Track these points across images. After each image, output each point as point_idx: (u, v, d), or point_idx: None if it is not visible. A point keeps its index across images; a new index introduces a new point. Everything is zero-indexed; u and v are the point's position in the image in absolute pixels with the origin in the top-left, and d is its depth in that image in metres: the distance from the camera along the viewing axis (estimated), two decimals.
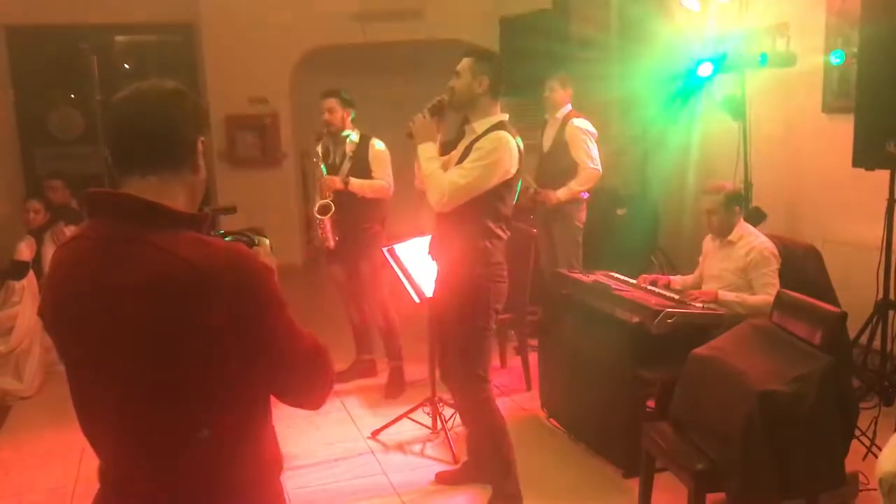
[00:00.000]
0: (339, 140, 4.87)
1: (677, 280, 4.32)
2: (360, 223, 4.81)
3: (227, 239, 1.60)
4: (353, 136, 4.85)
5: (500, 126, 3.24)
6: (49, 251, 5.61)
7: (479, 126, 3.26)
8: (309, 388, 1.60)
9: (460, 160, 3.25)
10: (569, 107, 5.49)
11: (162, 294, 1.39)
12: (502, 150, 3.16)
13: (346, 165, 4.83)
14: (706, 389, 2.97)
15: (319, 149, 4.91)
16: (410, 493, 3.72)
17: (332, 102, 4.80)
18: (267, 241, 1.68)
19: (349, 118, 4.83)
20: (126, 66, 9.06)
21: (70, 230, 5.72)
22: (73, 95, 8.92)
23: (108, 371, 1.46)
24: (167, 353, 1.41)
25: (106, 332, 1.44)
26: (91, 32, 8.53)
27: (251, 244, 1.63)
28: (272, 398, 1.60)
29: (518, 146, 3.24)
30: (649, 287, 4.09)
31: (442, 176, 3.19)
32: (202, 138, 1.59)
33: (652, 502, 3.21)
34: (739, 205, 4.12)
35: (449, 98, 3.29)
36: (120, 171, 1.53)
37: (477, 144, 3.19)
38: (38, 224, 5.61)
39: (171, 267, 1.40)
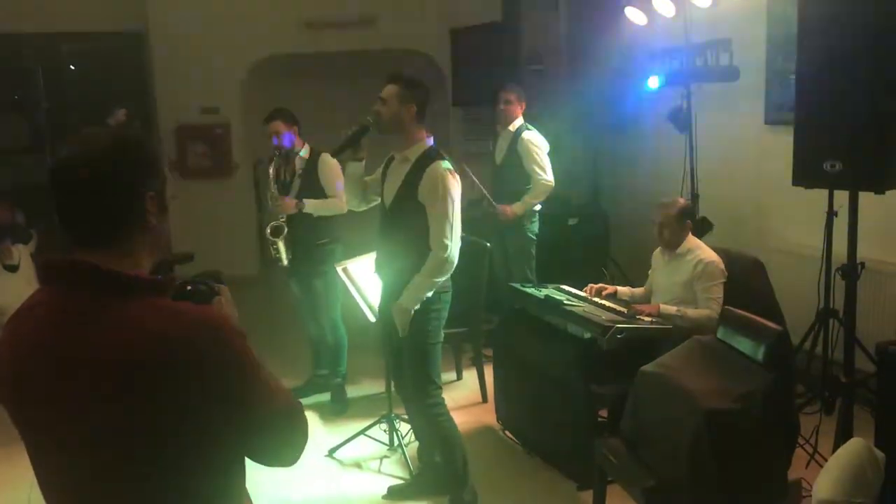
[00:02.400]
0: (290, 158, 4.84)
1: (624, 291, 4.40)
2: (314, 240, 4.80)
3: (188, 289, 1.55)
4: (303, 151, 4.82)
5: (431, 153, 3.37)
6: None
7: (411, 153, 3.38)
8: (286, 449, 1.55)
9: (402, 188, 3.36)
10: (521, 119, 5.56)
11: (130, 367, 1.33)
12: (451, 185, 3.30)
13: (297, 183, 4.81)
14: (654, 407, 3.05)
15: (271, 170, 4.87)
16: None
17: (278, 125, 4.74)
18: (226, 288, 1.63)
19: (296, 136, 4.79)
20: (72, 67, 8.92)
21: (17, 249, 5.62)
22: (16, 97, 8.75)
23: (73, 448, 1.40)
24: (136, 429, 1.35)
25: (70, 407, 1.37)
26: (36, 41, 8.39)
27: (211, 294, 1.57)
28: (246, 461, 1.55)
29: (453, 168, 3.37)
30: (600, 301, 4.17)
31: (439, 258, 3.28)
32: (151, 192, 1.49)
33: None
34: (690, 219, 4.22)
35: (374, 122, 3.37)
36: (72, 241, 1.46)
37: (428, 194, 3.29)
38: None
39: (139, 339, 1.34)
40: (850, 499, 2.18)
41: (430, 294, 3.35)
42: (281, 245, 4.77)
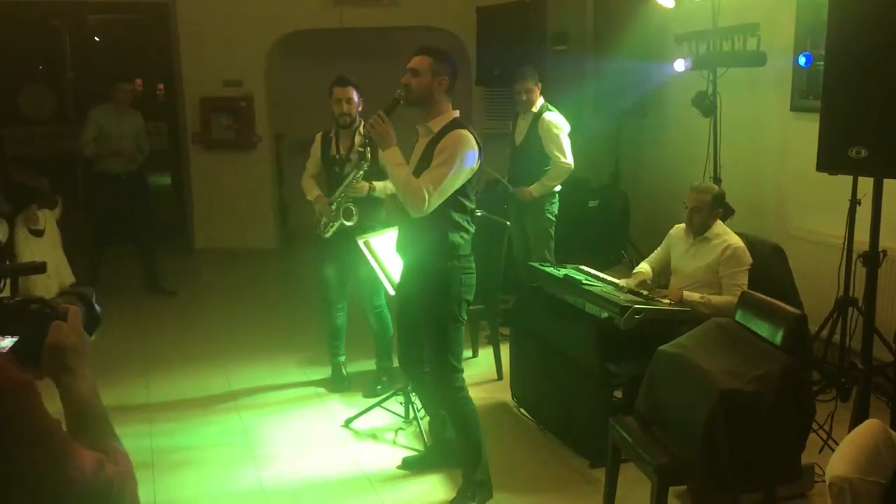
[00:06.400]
0: (350, 133, 4.54)
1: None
2: (367, 223, 4.47)
3: (33, 307, 1.31)
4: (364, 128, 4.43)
5: (456, 124, 3.33)
6: (20, 234, 5.58)
7: (435, 125, 3.34)
8: None
9: (421, 161, 3.33)
10: (541, 100, 5.53)
11: None
12: (467, 148, 3.25)
13: (358, 161, 4.45)
14: (671, 386, 3.07)
15: (362, 149, 4.38)
16: (381, 480, 3.79)
17: (351, 91, 4.48)
18: (76, 311, 1.36)
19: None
20: (97, 38, 8.99)
21: (43, 214, 5.70)
22: (40, 67, 8.83)
23: None
24: None
25: None
26: (64, 9, 8.46)
27: (52, 317, 1.31)
28: None
29: (478, 142, 3.32)
30: (619, 282, 4.17)
31: (417, 183, 3.22)
32: None
33: (617, 492, 3.31)
34: (722, 206, 4.20)
35: (405, 95, 3.33)
36: None
37: (442, 145, 3.25)
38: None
39: None
40: (864, 476, 2.19)
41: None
42: (340, 223, 4.45)
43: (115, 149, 6.53)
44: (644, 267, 4.37)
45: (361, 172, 4.40)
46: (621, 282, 4.16)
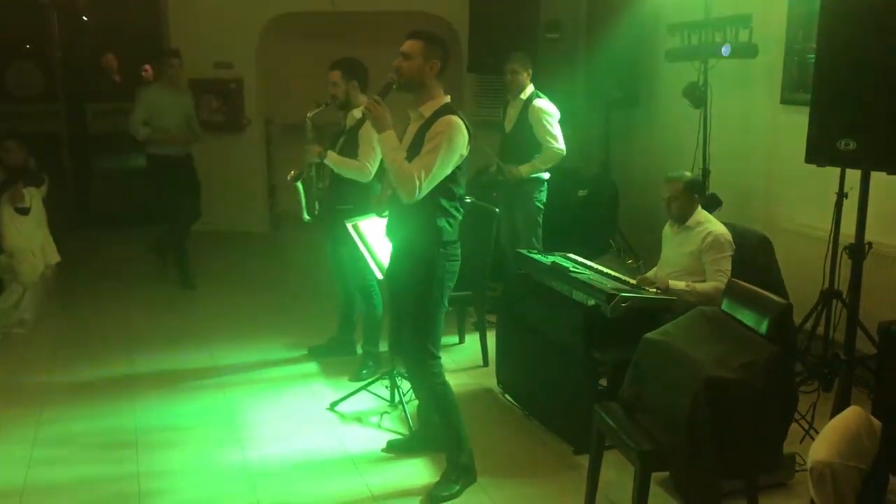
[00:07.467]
0: (345, 113, 4.68)
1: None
2: (340, 202, 4.58)
3: None
4: (357, 111, 4.45)
5: (447, 109, 3.32)
6: (6, 212, 5.54)
7: (426, 110, 3.34)
8: None
9: (412, 146, 3.32)
10: (531, 87, 5.53)
11: None
12: (457, 134, 3.25)
13: (341, 140, 4.63)
14: (656, 373, 3.08)
15: (310, 114, 4.56)
16: (366, 463, 3.80)
17: (335, 75, 4.61)
18: None
19: (356, 91, 4.60)
20: (85, 18, 8.90)
21: (29, 192, 5.65)
22: (28, 46, 8.74)
23: None
24: None
25: None
26: None
27: None
28: None
29: (468, 127, 3.32)
30: (606, 270, 4.20)
31: (409, 169, 3.22)
32: None
33: (600, 479, 3.32)
34: (699, 192, 4.24)
35: (397, 79, 3.32)
36: None
37: (432, 131, 3.25)
38: None
39: None
40: (845, 462, 2.22)
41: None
42: (300, 190, 4.57)
43: (167, 128, 6.42)
44: (652, 271, 4.42)
45: (309, 135, 4.57)
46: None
